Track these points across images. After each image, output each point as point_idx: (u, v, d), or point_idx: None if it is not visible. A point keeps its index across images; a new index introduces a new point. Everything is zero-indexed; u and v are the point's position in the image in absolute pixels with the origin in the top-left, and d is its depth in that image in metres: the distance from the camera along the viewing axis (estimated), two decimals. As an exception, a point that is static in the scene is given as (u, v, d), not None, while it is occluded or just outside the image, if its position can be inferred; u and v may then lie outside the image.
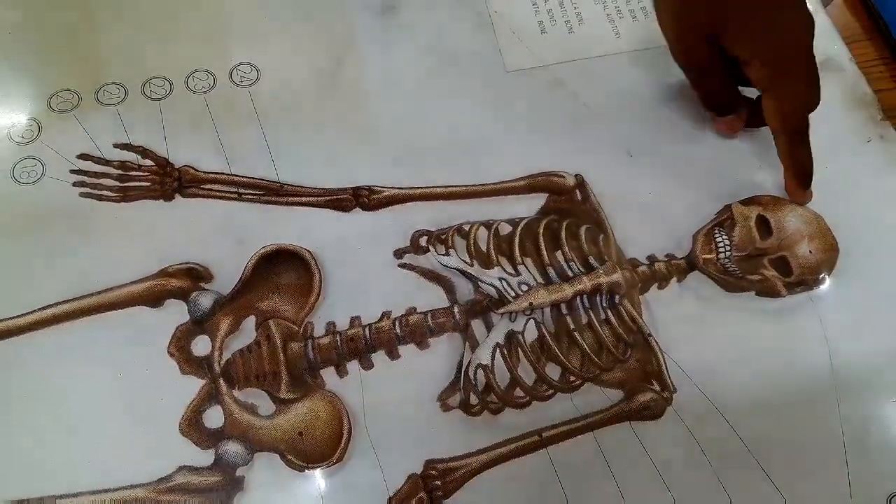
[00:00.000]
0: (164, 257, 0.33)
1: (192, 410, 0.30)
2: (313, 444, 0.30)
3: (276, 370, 0.31)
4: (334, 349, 0.31)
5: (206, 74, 0.37)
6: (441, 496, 0.29)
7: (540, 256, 0.33)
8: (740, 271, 0.34)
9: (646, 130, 0.37)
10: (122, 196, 0.34)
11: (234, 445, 0.30)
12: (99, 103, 0.36)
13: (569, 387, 0.31)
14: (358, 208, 0.35)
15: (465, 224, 0.34)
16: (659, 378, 0.32)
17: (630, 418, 0.31)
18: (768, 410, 0.31)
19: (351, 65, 0.38)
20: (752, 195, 0.36)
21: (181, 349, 0.31)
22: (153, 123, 0.36)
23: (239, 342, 0.32)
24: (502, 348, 0.32)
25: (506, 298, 0.32)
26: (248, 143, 0.35)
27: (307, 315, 0.32)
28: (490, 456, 0.30)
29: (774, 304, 0.33)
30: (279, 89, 0.37)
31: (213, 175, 0.35)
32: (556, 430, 0.30)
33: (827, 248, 0.34)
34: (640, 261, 0.34)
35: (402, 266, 0.34)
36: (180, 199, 0.34)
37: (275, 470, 0.29)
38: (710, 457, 0.30)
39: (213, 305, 0.32)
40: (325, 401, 0.31)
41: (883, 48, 0.42)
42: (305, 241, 0.33)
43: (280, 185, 0.35)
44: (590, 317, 0.32)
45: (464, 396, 0.31)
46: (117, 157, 0.35)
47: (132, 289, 0.32)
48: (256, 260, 0.33)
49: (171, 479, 0.29)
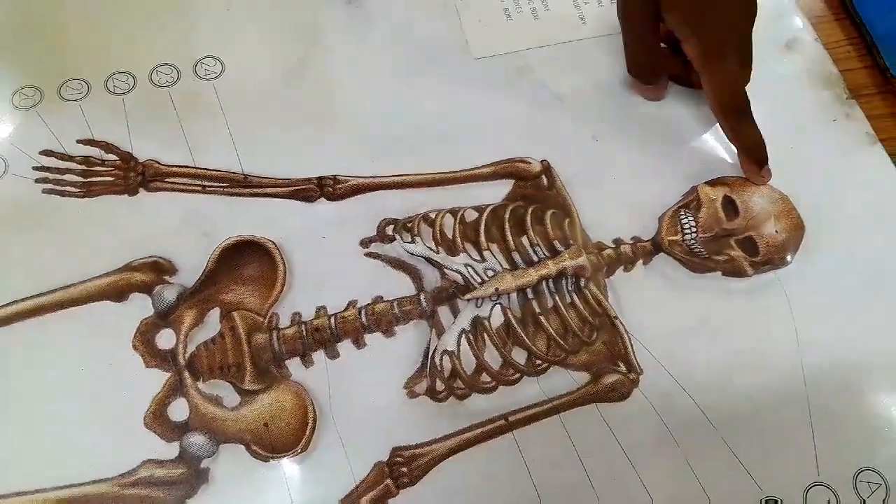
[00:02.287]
0: (128, 251, 0.33)
1: (157, 403, 0.30)
2: (279, 434, 0.30)
3: (239, 362, 0.31)
4: (299, 339, 0.31)
5: (171, 68, 0.37)
6: (407, 483, 0.29)
7: (505, 242, 0.33)
8: (706, 252, 0.34)
9: (611, 115, 0.37)
10: (85, 191, 0.34)
11: (199, 437, 0.30)
12: (62, 99, 0.36)
13: (535, 370, 0.31)
14: (323, 198, 0.34)
15: (432, 211, 0.34)
16: (625, 360, 0.31)
17: (597, 400, 0.31)
18: (735, 390, 0.31)
19: (316, 55, 0.38)
20: (719, 176, 0.36)
21: (145, 343, 0.31)
22: (117, 118, 0.36)
23: (203, 334, 0.31)
24: (468, 334, 0.32)
25: (471, 284, 0.32)
26: (213, 135, 0.35)
27: (272, 306, 0.32)
28: (456, 441, 0.30)
29: (741, 284, 0.33)
30: (244, 82, 0.37)
31: (176, 168, 0.35)
32: (523, 414, 0.30)
33: (793, 227, 0.34)
34: (606, 244, 0.34)
35: (369, 255, 0.34)
36: (144, 193, 0.34)
37: (240, 461, 0.29)
38: (677, 437, 0.30)
39: (177, 298, 0.32)
40: (291, 391, 0.30)
41: (849, 28, 0.42)
42: (270, 232, 0.33)
43: (244, 177, 0.35)
44: (555, 301, 0.32)
45: (430, 383, 0.31)
46: (81, 152, 0.35)
47: (96, 283, 0.32)
48: (220, 252, 0.32)
49: (136, 472, 0.29)
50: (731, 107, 0.34)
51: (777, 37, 0.40)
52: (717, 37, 0.33)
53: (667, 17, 0.34)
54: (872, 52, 0.40)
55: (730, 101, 0.34)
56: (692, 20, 0.33)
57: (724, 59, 0.33)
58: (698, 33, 0.33)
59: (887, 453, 0.30)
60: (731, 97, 0.34)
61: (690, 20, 0.33)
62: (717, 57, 0.33)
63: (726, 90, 0.34)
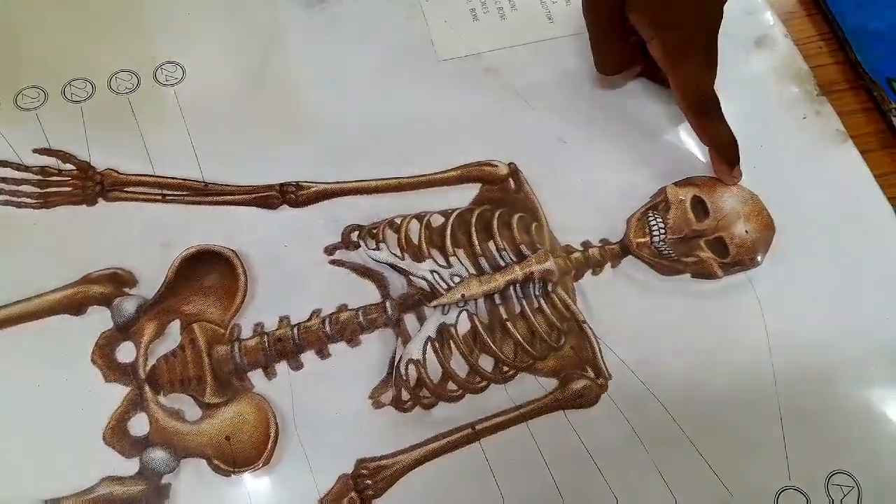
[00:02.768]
0: (87, 263, 0.32)
1: (117, 419, 0.29)
2: (241, 448, 0.29)
3: (200, 374, 0.30)
4: (261, 351, 0.31)
5: (130, 75, 0.36)
6: (372, 495, 0.28)
7: (472, 247, 0.33)
8: (675, 254, 0.33)
9: (579, 116, 0.37)
10: (42, 202, 0.33)
11: (159, 453, 0.29)
12: (17, 108, 0.35)
13: (502, 377, 0.31)
14: (286, 205, 0.34)
15: (398, 217, 0.34)
16: (593, 364, 0.31)
17: (564, 407, 0.30)
18: (705, 394, 0.31)
19: (278, 60, 0.38)
20: (688, 176, 0.35)
21: (105, 356, 0.30)
22: (75, 127, 0.35)
23: (164, 347, 0.31)
24: (434, 342, 0.31)
25: (438, 291, 0.32)
26: (173, 143, 0.35)
27: (233, 317, 0.31)
28: (422, 452, 0.29)
29: (711, 286, 0.33)
30: (205, 87, 0.36)
31: (136, 177, 0.34)
32: (490, 422, 0.30)
33: (763, 227, 0.34)
34: (575, 247, 0.33)
35: (333, 262, 0.33)
36: (103, 203, 0.33)
37: (202, 476, 0.29)
38: (646, 443, 0.29)
39: (137, 310, 0.31)
40: (252, 404, 0.30)
41: (821, 24, 0.41)
42: (232, 242, 0.33)
43: (205, 185, 0.34)
44: (522, 306, 0.32)
45: (396, 392, 0.30)
46: (37, 162, 0.34)
47: (53, 297, 0.31)
48: (179, 262, 0.32)
49: (95, 489, 0.28)
50: (700, 106, 0.34)
51: (747, 34, 0.40)
52: (681, 38, 0.33)
53: (631, 17, 0.33)
54: (844, 47, 0.40)
55: (698, 100, 0.34)
56: (656, 21, 0.33)
57: (689, 60, 0.33)
58: (662, 35, 0.33)
59: (859, 456, 0.30)
60: (698, 96, 0.34)
61: (654, 21, 0.33)
62: (681, 58, 0.33)
63: (693, 89, 0.34)
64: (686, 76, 0.33)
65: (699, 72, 0.33)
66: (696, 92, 0.34)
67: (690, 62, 0.33)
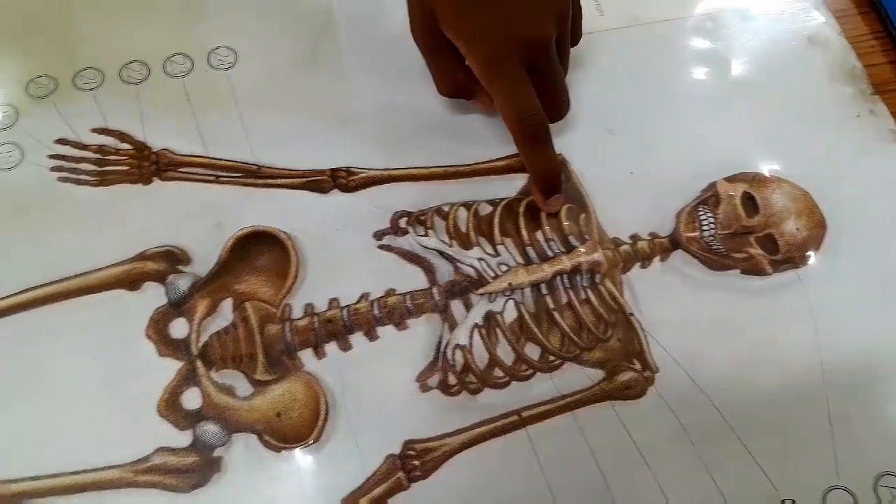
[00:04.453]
0: (141, 240, 0.33)
1: (170, 392, 0.30)
2: (290, 425, 0.30)
3: (252, 352, 0.31)
4: (312, 331, 0.31)
5: (184, 58, 0.37)
6: (419, 476, 0.29)
7: (520, 237, 0.33)
8: (725, 249, 0.33)
9: (628, 108, 0.37)
10: (100, 180, 0.34)
11: (212, 426, 0.30)
12: (76, 88, 0.36)
13: (548, 367, 0.31)
14: (336, 190, 0.34)
15: (445, 205, 0.34)
16: (640, 358, 0.31)
17: (611, 398, 0.30)
18: (753, 390, 0.31)
19: (329, 45, 0.38)
20: (738, 172, 0.35)
21: (159, 332, 0.31)
22: (130, 108, 0.36)
23: (216, 324, 0.31)
24: (481, 328, 0.31)
25: (485, 279, 0.32)
26: (226, 126, 0.35)
27: (284, 297, 0.32)
28: (469, 436, 0.30)
29: (760, 283, 0.33)
30: (257, 72, 0.37)
31: (190, 158, 0.34)
32: (537, 410, 0.30)
33: (814, 225, 0.34)
34: (623, 240, 0.33)
35: (382, 247, 0.33)
36: (158, 183, 0.34)
37: (252, 451, 0.29)
38: (692, 436, 0.30)
39: (191, 288, 0.32)
40: (302, 382, 0.30)
41: (874, 22, 0.41)
42: (283, 224, 0.33)
43: (257, 168, 0.34)
44: (570, 296, 0.32)
45: (442, 377, 0.31)
46: (95, 141, 0.35)
47: (110, 272, 0.32)
48: (233, 242, 0.32)
49: (149, 459, 0.29)
50: (520, 131, 0.31)
51: (800, 31, 0.39)
52: (492, 52, 0.30)
53: (445, 32, 0.31)
54: (898, 46, 0.40)
55: (516, 119, 0.31)
56: (464, 32, 0.30)
57: (504, 75, 0.30)
58: (473, 48, 0.30)
59: (909, 457, 0.30)
60: (518, 120, 0.31)
61: (462, 32, 0.30)
62: (495, 74, 0.30)
63: (512, 107, 0.30)
64: (502, 92, 0.31)
65: (516, 88, 0.30)
66: (513, 109, 0.31)
67: (506, 76, 0.30)
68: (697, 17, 0.40)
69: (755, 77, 0.38)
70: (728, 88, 0.38)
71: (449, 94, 0.34)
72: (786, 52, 0.36)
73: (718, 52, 0.39)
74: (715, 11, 0.40)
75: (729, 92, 0.38)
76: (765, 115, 0.37)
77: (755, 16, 0.40)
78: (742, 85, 0.38)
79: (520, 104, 0.31)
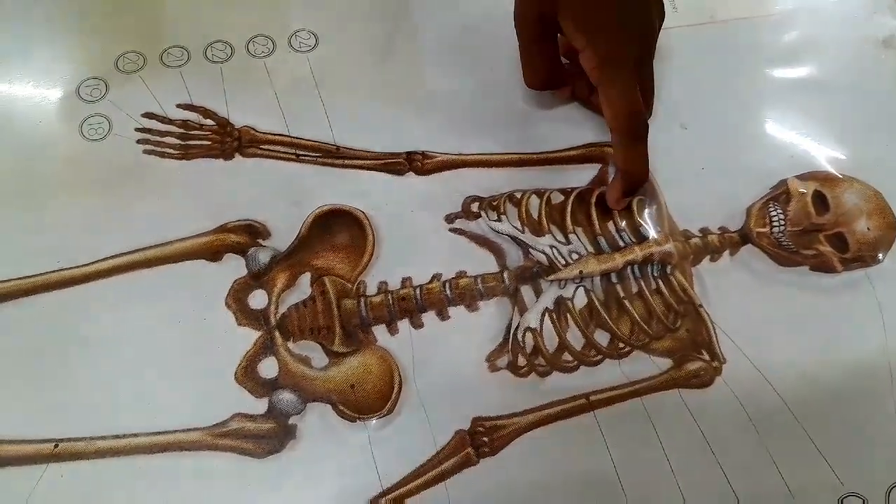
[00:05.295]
0: (223, 213, 0.34)
1: (248, 360, 0.31)
2: (364, 396, 0.31)
3: (329, 324, 0.32)
4: (386, 307, 0.32)
5: (266, 40, 0.38)
6: (488, 452, 0.30)
7: (591, 226, 0.34)
8: (794, 246, 0.33)
9: (701, 104, 0.37)
10: (183, 154, 0.35)
11: (288, 395, 0.31)
12: (163, 65, 0.37)
13: (617, 353, 0.31)
14: (411, 172, 0.35)
15: (517, 192, 0.35)
16: (709, 348, 0.31)
17: (679, 385, 0.31)
18: (820, 385, 0.31)
19: (407, 30, 0.39)
20: (809, 171, 0.35)
21: (238, 301, 0.32)
22: (214, 86, 0.37)
23: (294, 297, 0.32)
24: (551, 313, 0.32)
25: (556, 266, 0.33)
26: (306, 107, 0.36)
27: (360, 274, 0.33)
28: (537, 416, 0.30)
29: (829, 280, 0.33)
30: (336, 55, 0.38)
31: (271, 136, 0.36)
32: (605, 395, 0.30)
33: (886, 225, 0.34)
34: (693, 233, 0.34)
35: (453, 230, 0.34)
36: (240, 159, 0.35)
37: (326, 420, 0.30)
38: (759, 428, 0.30)
39: (270, 261, 0.33)
40: (377, 356, 0.31)
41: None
42: (359, 203, 0.34)
43: (336, 148, 0.35)
44: (640, 286, 0.32)
45: (512, 358, 0.31)
46: (180, 116, 0.36)
47: (193, 242, 0.33)
48: (313, 219, 0.33)
49: (227, 424, 0.30)
50: (626, 123, 0.31)
51: (874, 34, 0.39)
52: (613, 48, 0.30)
53: (563, 25, 0.31)
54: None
55: (625, 116, 0.31)
56: (588, 29, 0.30)
57: (620, 72, 0.31)
58: (594, 43, 0.30)
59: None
60: (626, 112, 0.31)
61: (586, 29, 0.30)
62: (612, 70, 0.31)
63: (621, 104, 0.31)
64: (616, 89, 0.31)
65: (630, 86, 0.31)
66: (625, 107, 0.31)
67: (622, 74, 0.31)
68: (772, 16, 0.40)
69: (828, 77, 0.38)
70: (800, 87, 0.38)
71: (536, 85, 0.35)
72: (859, 54, 0.36)
73: (792, 52, 0.39)
74: (790, 11, 0.40)
75: (801, 91, 0.38)
76: (837, 116, 0.37)
77: (830, 17, 0.40)
78: (815, 85, 0.38)
79: (631, 101, 0.31)
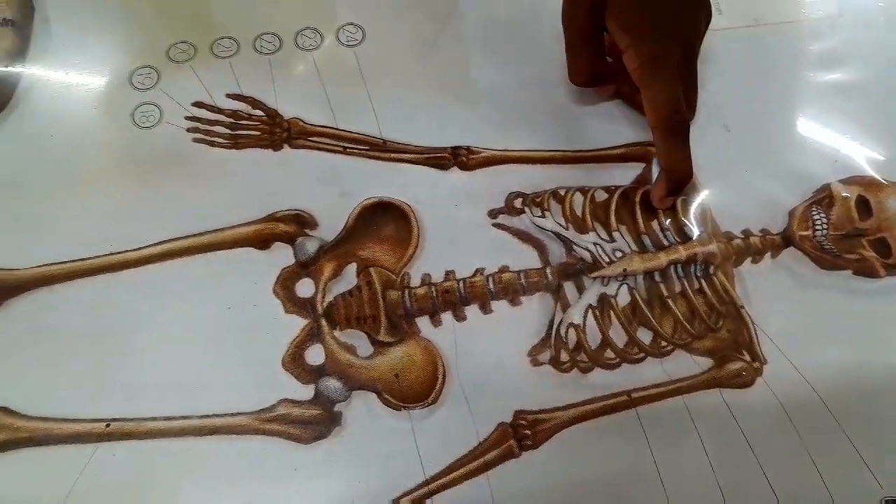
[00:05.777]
0: (271, 203, 0.34)
1: (295, 347, 0.32)
2: (408, 386, 0.31)
3: (375, 314, 0.32)
4: (430, 299, 0.33)
5: (314, 33, 0.39)
6: (530, 445, 0.30)
7: (635, 224, 0.34)
8: (837, 250, 0.34)
9: (744, 106, 0.37)
10: (233, 143, 0.36)
11: (334, 382, 0.31)
12: (213, 56, 0.38)
13: (660, 352, 0.32)
14: (456, 167, 0.36)
15: (561, 189, 0.35)
16: (750, 349, 0.32)
17: (721, 385, 0.31)
18: (860, 389, 0.31)
19: (452, 26, 0.39)
20: (852, 175, 0.35)
21: (286, 289, 0.33)
22: (263, 77, 0.37)
23: (340, 287, 0.33)
24: (594, 309, 0.32)
25: (599, 263, 0.33)
26: (353, 100, 0.37)
27: (405, 266, 0.33)
28: (579, 411, 0.31)
29: (871, 285, 0.33)
30: (383, 50, 0.38)
31: (320, 128, 0.36)
32: (646, 392, 0.31)
33: (929, 232, 0.34)
34: (735, 234, 0.34)
35: (496, 226, 0.35)
36: (288, 150, 0.36)
37: (371, 407, 0.31)
38: (799, 429, 0.30)
39: (318, 251, 0.33)
40: (421, 346, 0.32)
41: None
42: (405, 196, 0.35)
43: (383, 142, 0.36)
44: (683, 285, 0.33)
45: (554, 353, 0.32)
46: (230, 106, 0.37)
47: (243, 230, 0.34)
48: (360, 210, 0.34)
49: (274, 409, 0.31)
50: (668, 123, 0.32)
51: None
52: (658, 48, 0.31)
53: (609, 24, 0.32)
54: None
55: (667, 116, 0.32)
56: (633, 28, 0.31)
57: (664, 72, 0.31)
58: (639, 43, 0.31)
59: None
60: (669, 112, 0.31)
61: (631, 28, 0.31)
62: (656, 70, 0.31)
63: (664, 104, 0.31)
64: (658, 89, 0.31)
65: (673, 87, 0.31)
66: (666, 107, 0.31)
67: (664, 74, 0.31)
68: (817, 20, 0.40)
69: (872, 82, 0.38)
70: (843, 91, 0.38)
71: (581, 82, 0.35)
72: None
73: (836, 56, 0.39)
74: (834, 15, 0.40)
75: (844, 95, 0.38)
76: (881, 121, 0.37)
77: (873, 20, 0.40)
78: (857, 88, 0.38)
79: (672, 102, 0.32)
